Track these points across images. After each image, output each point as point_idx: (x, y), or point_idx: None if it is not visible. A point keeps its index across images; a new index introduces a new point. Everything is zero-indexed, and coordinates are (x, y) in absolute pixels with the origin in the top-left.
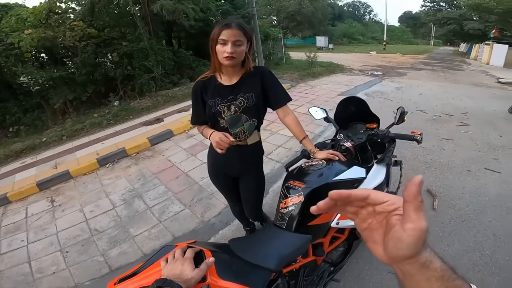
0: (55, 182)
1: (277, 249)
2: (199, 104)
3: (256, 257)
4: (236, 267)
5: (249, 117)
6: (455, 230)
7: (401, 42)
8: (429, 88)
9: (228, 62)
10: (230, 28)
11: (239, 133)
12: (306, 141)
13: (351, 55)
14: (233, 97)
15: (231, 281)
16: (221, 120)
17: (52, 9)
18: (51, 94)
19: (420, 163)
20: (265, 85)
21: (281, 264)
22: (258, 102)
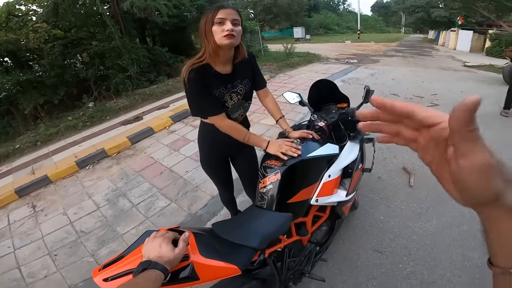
0: (34, 188)
1: (258, 228)
2: (206, 94)
3: (238, 237)
4: (219, 246)
5: (245, 100)
6: (432, 206)
7: (374, 31)
8: (401, 73)
9: (228, 40)
10: (226, 8)
11: (238, 116)
12: (282, 120)
13: (328, 44)
14: (232, 85)
15: (214, 259)
16: (224, 109)
17: (11, 12)
18: (19, 99)
19: None
20: (254, 69)
21: (264, 242)
22: (252, 85)
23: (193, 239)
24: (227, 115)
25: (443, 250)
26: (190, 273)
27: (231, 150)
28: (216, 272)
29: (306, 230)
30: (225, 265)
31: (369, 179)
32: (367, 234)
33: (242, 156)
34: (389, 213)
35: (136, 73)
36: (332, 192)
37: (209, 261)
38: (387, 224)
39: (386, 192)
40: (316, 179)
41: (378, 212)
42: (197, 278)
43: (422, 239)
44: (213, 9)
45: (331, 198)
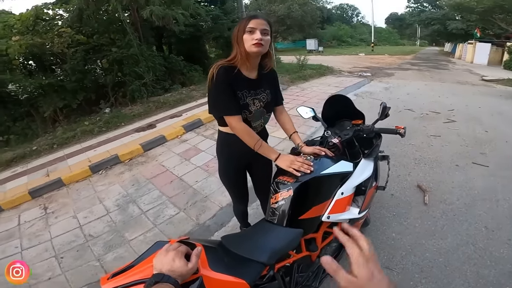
0: (48, 190)
1: (268, 243)
2: (230, 93)
3: (248, 251)
4: (228, 260)
5: (267, 111)
6: (447, 224)
7: (388, 43)
8: (416, 87)
9: (256, 49)
10: (257, 18)
11: (258, 126)
12: (295, 135)
13: (341, 57)
14: (255, 91)
15: (223, 273)
16: (246, 112)
17: (39, 15)
18: (40, 102)
19: (409, 160)
20: (275, 85)
21: (273, 257)
22: (272, 98)
23: (203, 252)
24: (248, 121)
25: (457, 268)
26: (198, 287)
27: (248, 159)
28: (225, 287)
29: (316, 246)
30: (234, 280)
31: (381, 196)
32: (378, 251)
33: (259, 165)
34: (402, 230)
35: (151, 80)
36: (344, 209)
37: (218, 275)
38: (399, 241)
39: (399, 210)
40: (328, 196)
41: (390, 229)
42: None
43: (435, 257)
44: (246, 18)
45: (343, 215)
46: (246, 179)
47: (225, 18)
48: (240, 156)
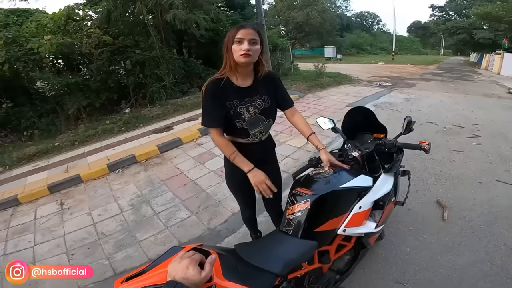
0: (66, 186)
1: (282, 254)
2: (215, 105)
3: (261, 261)
4: (241, 269)
5: (266, 117)
6: (466, 241)
7: (410, 53)
8: (439, 99)
9: (244, 59)
10: (245, 28)
11: (257, 133)
12: (313, 137)
13: (360, 65)
14: (250, 99)
15: (236, 283)
16: (240, 121)
17: (70, 15)
18: (65, 100)
19: (429, 175)
20: (276, 89)
21: (286, 268)
22: (272, 103)
23: (217, 260)
24: (245, 129)
25: (471, 284)
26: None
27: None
28: None
29: (328, 259)
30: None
31: (398, 211)
32: (390, 265)
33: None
34: (417, 245)
35: (171, 83)
36: (361, 224)
37: (231, 285)
38: (413, 256)
39: (415, 225)
40: (346, 210)
41: (405, 244)
42: None
43: (449, 273)
44: (235, 29)
45: (359, 229)
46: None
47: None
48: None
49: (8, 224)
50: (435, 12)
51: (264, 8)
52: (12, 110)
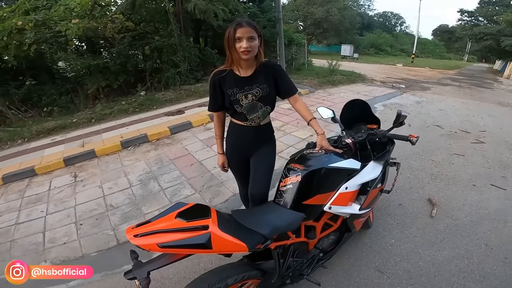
0: (80, 159)
1: (271, 220)
2: (217, 93)
3: (252, 223)
4: (234, 227)
5: (263, 104)
6: (448, 238)
7: (432, 56)
8: (451, 104)
9: (245, 56)
10: (242, 27)
11: (255, 118)
12: (314, 122)
13: (376, 66)
14: (249, 87)
15: (229, 234)
16: (239, 107)
17: (97, 1)
18: (86, 80)
19: (426, 175)
20: (276, 77)
21: (273, 232)
22: (271, 91)
23: (215, 214)
24: (244, 114)
25: (446, 279)
26: (206, 241)
27: (250, 152)
28: (228, 246)
29: (314, 234)
30: (237, 242)
31: (389, 204)
32: (373, 254)
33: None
34: (402, 238)
35: (186, 70)
36: (346, 204)
37: (224, 235)
38: (396, 247)
39: (403, 219)
40: (333, 188)
41: (390, 235)
42: (210, 248)
43: (427, 266)
44: (233, 27)
45: (344, 209)
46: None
47: (262, 16)
48: (241, 148)
49: (23, 194)
50: (463, 17)
51: (283, 1)
52: (34, 88)
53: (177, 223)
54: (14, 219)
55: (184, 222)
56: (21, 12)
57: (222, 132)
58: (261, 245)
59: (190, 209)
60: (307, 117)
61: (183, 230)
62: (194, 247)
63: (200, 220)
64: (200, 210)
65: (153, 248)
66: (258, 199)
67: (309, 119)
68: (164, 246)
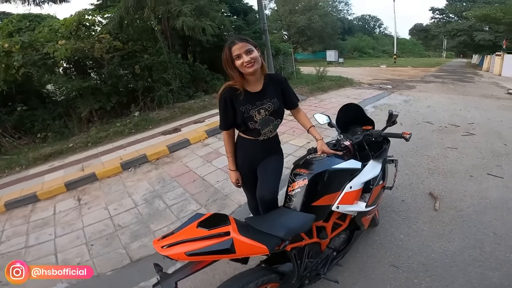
0: (82, 183)
1: (285, 223)
2: (228, 110)
3: (268, 227)
4: (252, 232)
5: (275, 118)
6: (456, 229)
7: (412, 55)
8: (438, 101)
9: (250, 69)
10: (236, 44)
11: (267, 132)
12: (313, 129)
13: (361, 69)
14: (261, 102)
15: (249, 238)
16: (252, 123)
17: (81, 21)
18: (78, 103)
19: (423, 170)
20: (283, 90)
21: (289, 234)
22: (281, 105)
23: (234, 221)
24: (257, 130)
25: (462, 268)
26: (230, 246)
27: (258, 161)
28: (250, 249)
29: (326, 234)
30: (257, 245)
31: (392, 201)
32: (384, 250)
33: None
34: (410, 233)
35: (177, 87)
36: (352, 202)
37: (245, 239)
38: (406, 242)
39: (408, 214)
40: (338, 188)
41: (398, 231)
42: (234, 252)
43: (441, 258)
44: (227, 47)
45: (351, 207)
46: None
47: (247, 28)
48: (251, 160)
49: (28, 219)
50: (435, 15)
51: (266, 13)
52: (25, 113)
53: (199, 232)
54: (23, 243)
55: (206, 231)
56: (4, 34)
57: (233, 149)
58: (279, 247)
59: (209, 218)
60: (307, 125)
61: (206, 238)
62: (219, 252)
63: (221, 227)
64: (219, 218)
65: (181, 257)
66: (267, 201)
67: (309, 126)
68: (191, 254)
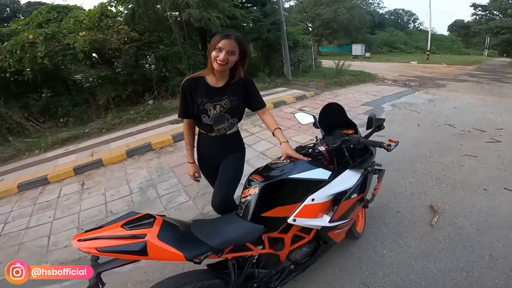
0: (89, 168)
1: (224, 232)
2: (188, 100)
3: (204, 235)
4: (181, 237)
5: (231, 116)
6: (448, 248)
7: (450, 52)
8: (467, 101)
9: (218, 67)
10: (228, 39)
11: (221, 129)
12: (278, 132)
13: (389, 64)
14: (219, 98)
15: (166, 244)
16: (205, 117)
17: (104, 12)
18: (97, 91)
19: (431, 178)
20: (247, 92)
21: (223, 244)
22: (239, 105)
23: (159, 224)
24: (210, 125)
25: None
26: (140, 248)
27: (217, 160)
28: (165, 254)
29: (282, 246)
30: (174, 251)
31: (386, 211)
32: (361, 265)
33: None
34: (395, 248)
35: None
36: (315, 216)
37: (161, 244)
38: (387, 259)
39: (400, 227)
40: (297, 200)
41: (382, 245)
42: (146, 254)
43: (418, 280)
44: (220, 36)
45: (312, 221)
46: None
47: (265, 20)
48: (209, 154)
49: (35, 200)
50: (477, 11)
51: (290, 4)
52: (51, 99)
53: (119, 231)
54: (25, 224)
55: (126, 230)
56: (34, 24)
57: (192, 140)
58: (201, 256)
59: (138, 219)
60: (272, 127)
61: (122, 237)
62: (130, 253)
63: (140, 229)
64: (145, 220)
65: (92, 251)
66: (220, 207)
67: (274, 128)
68: (102, 250)
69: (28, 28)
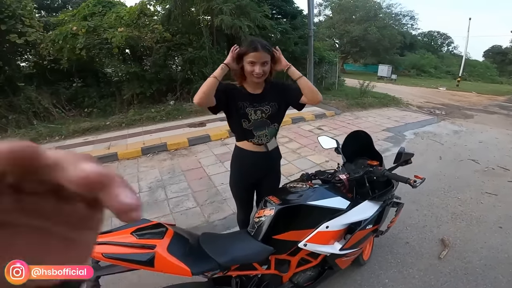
0: (103, 161)
1: (234, 249)
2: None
3: (213, 250)
4: (190, 250)
5: (271, 122)
6: (451, 282)
7: (482, 80)
8: (494, 136)
9: (257, 80)
10: (257, 51)
11: (262, 136)
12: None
13: (415, 88)
14: (258, 104)
15: (175, 257)
16: (246, 121)
17: (143, 10)
18: (124, 86)
19: (446, 213)
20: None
21: (230, 262)
22: (280, 109)
23: (170, 235)
24: (249, 130)
25: None
26: (148, 259)
27: (256, 176)
28: (171, 268)
29: (287, 268)
30: (181, 265)
31: (395, 241)
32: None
33: (266, 183)
34: (398, 278)
35: None
36: (327, 243)
37: (169, 257)
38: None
39: (407, 258)
40: (311, 226)
41: (385, 275)
42: (153, 266)
43: None
44: (247, 49)
45: (323, 247)
46: (253, 194)
47: (293, 32)
48: (247, 172)
49: None
50: None
51: (320, 19)
52: (81, 89)
53: (128, 238)
54: None
55: (135, 238)
56: (80, 16)
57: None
58: (207, 273)
59: (149, 227)
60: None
61: (131, 245)
62: (136, 262)
63: (150, 240)
64: (157, 230)
65: (98, 257)
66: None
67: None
68: (108, 256)
69: (74, 19)
